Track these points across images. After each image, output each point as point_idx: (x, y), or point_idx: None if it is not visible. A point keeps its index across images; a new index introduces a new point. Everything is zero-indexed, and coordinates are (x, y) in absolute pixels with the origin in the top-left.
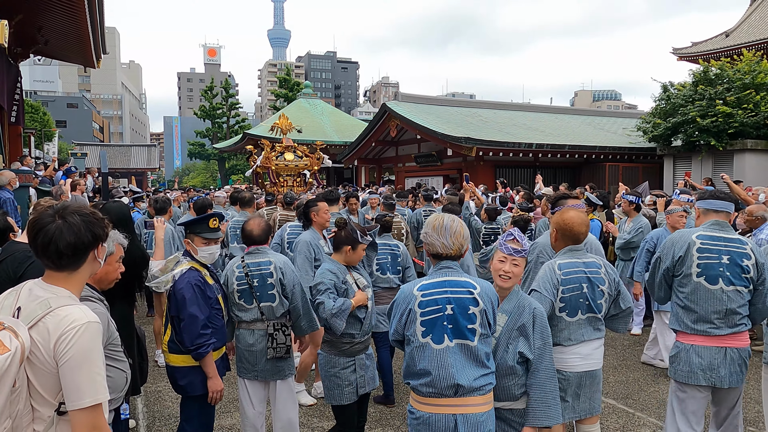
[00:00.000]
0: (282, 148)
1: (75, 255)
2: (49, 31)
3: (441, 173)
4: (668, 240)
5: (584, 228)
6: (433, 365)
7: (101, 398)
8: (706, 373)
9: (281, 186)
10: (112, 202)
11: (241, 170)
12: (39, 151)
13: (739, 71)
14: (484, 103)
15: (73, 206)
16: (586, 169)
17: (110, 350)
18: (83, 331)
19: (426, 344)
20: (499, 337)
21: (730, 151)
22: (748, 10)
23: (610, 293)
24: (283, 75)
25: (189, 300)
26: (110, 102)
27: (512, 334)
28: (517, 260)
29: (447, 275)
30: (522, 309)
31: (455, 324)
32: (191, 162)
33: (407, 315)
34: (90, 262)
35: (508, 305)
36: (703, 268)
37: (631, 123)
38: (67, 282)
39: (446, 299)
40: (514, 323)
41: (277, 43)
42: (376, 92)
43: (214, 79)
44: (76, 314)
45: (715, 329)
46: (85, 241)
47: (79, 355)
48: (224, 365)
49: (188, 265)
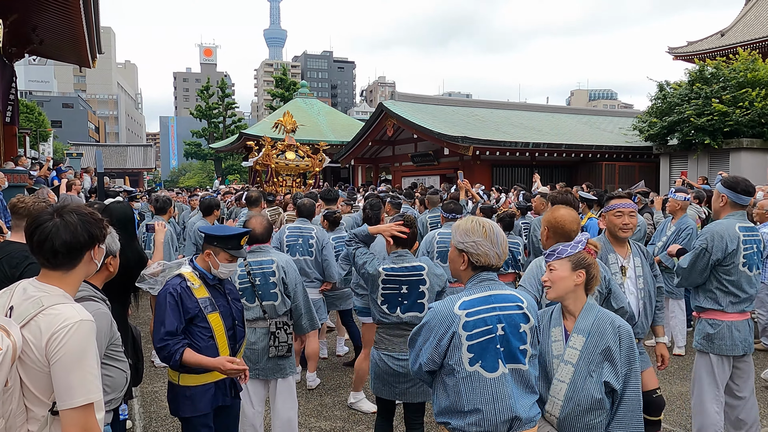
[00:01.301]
0: (284, 147)
1: (70, 254)
2: (44, 31)
3: (438, 173)
4: (715, 234)
5: (575, 226)
6: (487, 398)
7: (94, 398)
8: (744, 343)
9: (279, 186)
10: (115, 203)
11: (237, 170)
12: (34, 152)
13: (734, 70)
14: (481, 103)
15: (72, 205)
16: (582, 168)
17: (111, 350)
18: (76, 330)
19: (475, 373)
20: (577, 363)
21: (726, 150)
22: (743, 9)
23: (600, 290)
24: (280, 75)
25: (159, 306)
26: (106, 102)
27: (594, 359)
28: (552, 264)
29: (491, 288)
30: (604, 328)
31: (507, 346)
32: (187, 162)
33: (449, 340)
34: (86, 262)
35: (584, 323)
36: (747, 258)
37: (627, 122)
38: (61, 281)
39: (496, 317)
40: (596, 345)
41: (273, 42)
42: (373, 92)
43: (210, 79)
44: (69, 312)
45: (748, 307)
46: (81, 240)
47: (71, 354)
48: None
49: (178, 272)
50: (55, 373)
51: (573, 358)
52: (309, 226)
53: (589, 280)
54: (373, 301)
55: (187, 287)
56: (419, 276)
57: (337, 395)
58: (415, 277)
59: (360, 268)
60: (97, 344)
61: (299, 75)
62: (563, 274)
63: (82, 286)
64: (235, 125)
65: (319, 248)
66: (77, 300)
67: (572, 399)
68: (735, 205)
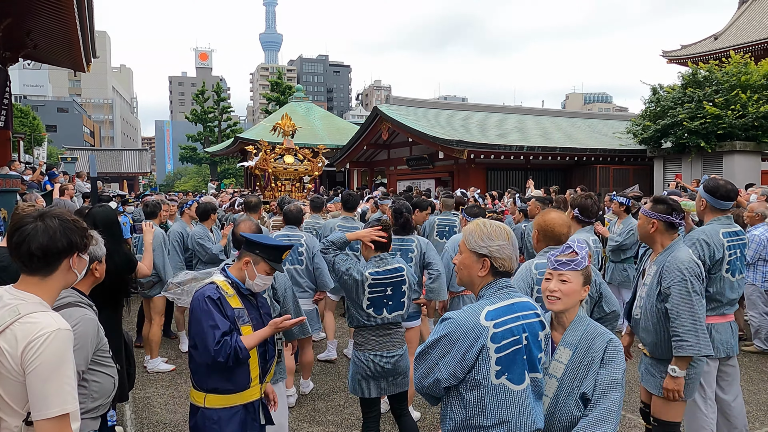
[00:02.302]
0: (282, 150)
1: (46, 258)
2: (39, 35)
3: (433, 176)
4: (702, 243)
5: (566, 229)
6: (513, 411)
7: (69, 408)
8: (725, 345)
9: (278, 191)
10: (97, 207)
11: (233, 174)
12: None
13: (726, 73)
14: (475, 106)
15: (56, 211)
16: (577, 172)
17: (99, 356)
18: (52, 339)
19: (501, 386)
20: (561, 378)
21: (719, 153)
22: (736, 12)
23: (591, 294)
24: (275, 79)
25: (202, 312)
26: (101, 106)
27: (578, 374)
28: (565, 275)
29: (511, 296)
30: (592, 342)
31: (530, 356)
32: (183, 166)
33: (476, 353)
34: (64, 270)
35: (572, 336)
36: (731, 264)
37: (621, 125)
38: (38, 288)
39: (521, 327)
40: (581, 361)
41: (269, 46)
42: (369, 95)
43: (205, 83)
44: (46, 321)
45: (729, 310)
46: (58, 245)
47: (48, 364)
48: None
49: (210, 280)
50: (30, 383)
51: (558, 372)
52: (297, 233)
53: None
54: (355, 306)
55: (221, 292)
56: (401, 277)
57: (330, 400)
58: (398, 279)
59: (343, 274)
60: (84, 350)
61: (295, 79)
62: (576, 287)
63: (68, 292)
64: (230, 129)
65: (309, 256)
66: (64, 306)
67: (554, 414)
68: (715, 210)
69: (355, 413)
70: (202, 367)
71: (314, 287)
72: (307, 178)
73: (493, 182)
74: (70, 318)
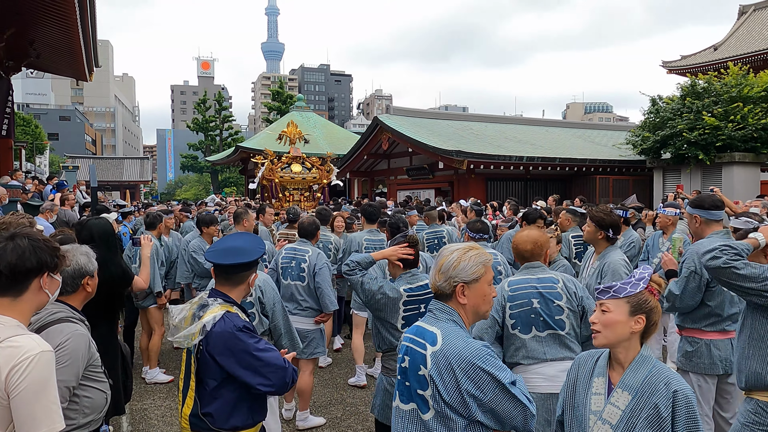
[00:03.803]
0: (289, 159)
1: (14, 277)
2: (42, 45)
3: (433, 186)
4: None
5: (529, 246)
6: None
7: (58, 427)
8: (724, 363)
9: (286, 201)
10: (94, 219)
11: (234, 183)
12: (30, 164)
13: (726, 85)
14: (475, 117)
15: (26, 230)
16: (576, 182)
17: (90, 371)
18: (36, 362)
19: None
20: (616, 426)
21: (718, 164)
22: (736, 24)
23: (571, 308)
24: (276, 88)
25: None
26: (103, 114)
27: (638, 424)
28: (606, 304)
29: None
30: (656, 388)
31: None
32: (184, 174)
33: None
34: (34, 291)
35: (633, 378)
36: None
37: (621, 136)
38: (11, 310)
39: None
40: (642, 409)
41: (270, 55)
42: (370, 105)
43: (207, 92)
44: (29, 345)
45: (730, 326)
46: (27, 265)
47: (33, 386)
48: None
49: (222, 309)
50: (16, 407)
51: (613, 418)
52: (304, 248)
53: (649, 327)
54: (387, 327)
55: (248, 321)
56: (431, 293)
57: (327, 413)
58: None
59: (375, 293)
60: (75, 366)
61: (296, 88)
62: (619, 318)
63: (60, 307)
64: (231, 138)
65: (311, 273)
66: (55, 321)
67: None
68: (710, 222)
69: (352, 426)
70: (229, 405)
71: (316, 307)
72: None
73: (493, 192)
74: (61, 333)
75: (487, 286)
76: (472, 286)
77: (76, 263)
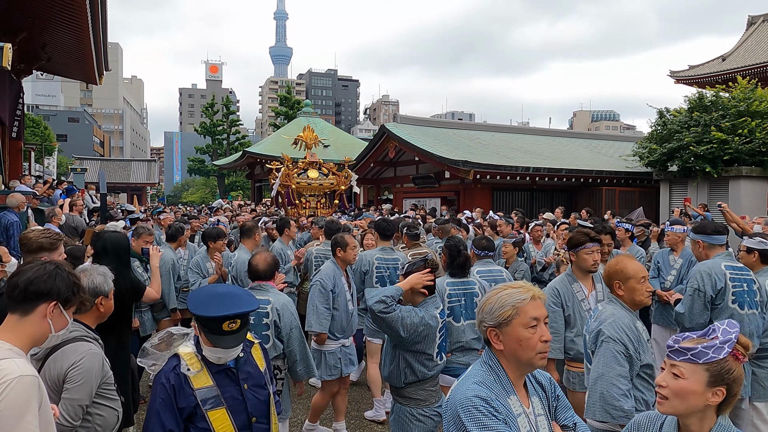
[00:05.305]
0: (305, 165)
1: (25, 294)
2: (53, 49)
3: (439, 195)
4: (703, 272)
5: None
6: None
7: None
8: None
9: (302, 208)
10: (111, 232)
11: (240, 186)
12: (39, 166)
13: (734, 98)
14: (482, 126)
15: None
16: (583, 193)
17: (104, 389)
18: (14, 386)
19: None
20: None
21: (726, 178)
22: (745, 34)
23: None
24: (284, 93)
25: (150, 403)
26: (111, 117)
27: None
28: (679, 367)
29: None
30: None
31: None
32: (191, 177)
33: None
34: (39, 316)
35: None
36: (737, 295)
37: (628, 147)
38: (13, 331)
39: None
40: None
41: (278, 60)
42: (377, 110)
43: (215, 96)
44: (9, 368)
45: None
46: (41, 287)
47: (9, 410)
48: None
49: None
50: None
51: None
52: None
53: (729, 398)
54: (421, 358)
55: (183, 375)
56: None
57: (331, 426)
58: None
59: (418, 325)
60: (89, 384)
61: (304, 93)
62: (694, 387)
63: (75, 326)
64: (239, 142)
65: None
66: (70, 340)
67: None
68: (713, 247)
69: None
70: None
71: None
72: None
73: (499, 203)
74: (76, 352)
75: (522, 329)
76: (504, 329)
77: (92, 282)
